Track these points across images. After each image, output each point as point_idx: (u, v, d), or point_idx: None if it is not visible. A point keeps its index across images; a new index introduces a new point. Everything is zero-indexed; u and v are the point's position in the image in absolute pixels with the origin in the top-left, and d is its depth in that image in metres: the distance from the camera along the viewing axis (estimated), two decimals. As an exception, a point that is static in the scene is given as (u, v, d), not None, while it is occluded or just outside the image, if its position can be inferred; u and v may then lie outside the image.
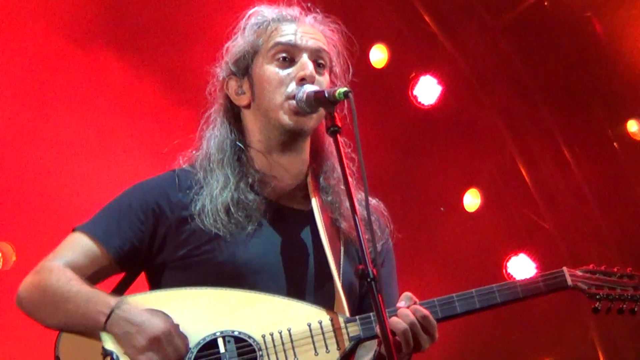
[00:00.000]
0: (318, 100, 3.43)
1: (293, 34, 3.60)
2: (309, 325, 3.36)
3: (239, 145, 3.62)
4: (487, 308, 3.47)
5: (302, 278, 3.51)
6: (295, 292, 3.46)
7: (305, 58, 3.57)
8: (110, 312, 3.29)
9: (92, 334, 3.31)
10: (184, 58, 7.33)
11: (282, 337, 3.34)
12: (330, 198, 3.63)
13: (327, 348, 3.34)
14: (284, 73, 3.56)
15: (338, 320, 3.37)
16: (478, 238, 9.36)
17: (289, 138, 3.58)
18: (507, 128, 9.70)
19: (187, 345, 3.29)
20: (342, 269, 3.52)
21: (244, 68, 3.63)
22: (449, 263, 8.94)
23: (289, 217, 3.60)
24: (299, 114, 3.52)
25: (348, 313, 3.40)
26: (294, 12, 3.69)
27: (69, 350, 3.33)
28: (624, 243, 9.51)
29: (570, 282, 3.60)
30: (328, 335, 3.35)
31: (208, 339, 3.32)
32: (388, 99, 9.06)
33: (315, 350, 3.34)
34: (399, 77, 9.32)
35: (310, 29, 3.64)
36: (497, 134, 9.73)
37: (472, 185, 9.80)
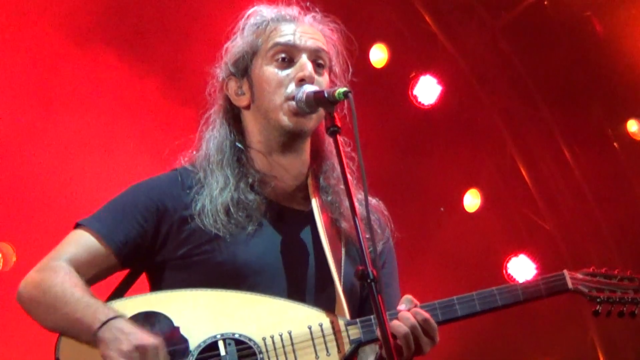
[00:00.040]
0: (318, 101, 3.42)
1: (292, 34, 3.58)
2: (310, 328, 3.35)
3: (239, 146, 3.60)
4: (487, 311, 3.46)
5: (302, 278, 3.50)
6: (296, 292, 3.45)
7: (305, 58, 3.56)
8: (107, 320, 3.26)
9: (83, 338, 3.29)
10: (184, 58, 7.32)
11: (282, 339, 3.33)
12: (330, 198, 3.62)
13: (327, 351, 3.33)
14: (283, 74, 3.55)
15: (339, 323, 3.36)
16: (478, 238, 9.35)
17: (289, 139, 3.57)
18: (507, 128, 9.69)
19: (187, 348, 3.28)
20: (343, 271, 3.51)
21: (243, 69, 3.62)
22: (449, 263, 8.93)
23: (289, 217, 3.58)
24: (299, 115, 3.50)
25: (348, 315, 3.39)
26: (293, 12, 3.67)
27: (69, 352, 3.32)
28: (624, 243, 9.51)
29: (571, 285, 3.59)
30: (329, 338, 3.34)
31: (208, 342, 3.30)
32: (388, 99, 9.05)
33: (316, 353, 3.33)
34: (399, 76, 9.32)
35: (310, 29, 3.63)
36: (497, 134, 9.72)
37: (472, 185, 9.79)
